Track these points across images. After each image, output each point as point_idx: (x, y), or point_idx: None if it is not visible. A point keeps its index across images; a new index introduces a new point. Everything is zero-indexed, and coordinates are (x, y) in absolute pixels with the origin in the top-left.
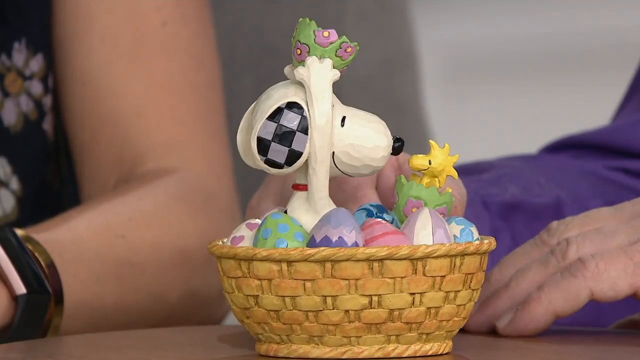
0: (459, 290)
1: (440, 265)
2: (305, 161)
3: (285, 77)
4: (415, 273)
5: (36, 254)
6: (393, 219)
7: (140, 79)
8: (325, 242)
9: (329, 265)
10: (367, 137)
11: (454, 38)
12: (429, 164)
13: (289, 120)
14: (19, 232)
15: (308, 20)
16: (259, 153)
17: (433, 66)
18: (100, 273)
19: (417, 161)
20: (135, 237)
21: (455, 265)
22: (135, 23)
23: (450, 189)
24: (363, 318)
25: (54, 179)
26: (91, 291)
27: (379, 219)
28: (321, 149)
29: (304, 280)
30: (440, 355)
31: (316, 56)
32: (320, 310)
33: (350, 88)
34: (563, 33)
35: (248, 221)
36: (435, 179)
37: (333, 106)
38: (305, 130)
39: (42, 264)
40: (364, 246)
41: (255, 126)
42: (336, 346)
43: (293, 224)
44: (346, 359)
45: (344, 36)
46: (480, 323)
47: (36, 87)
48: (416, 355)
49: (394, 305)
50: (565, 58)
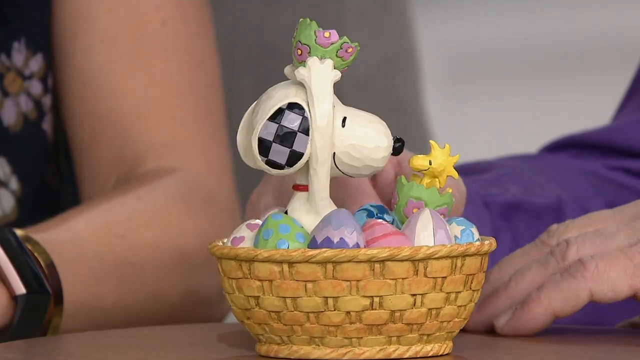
0: (459, 291)
1: (442, 267)
2: (306, 162)
3: (286, 77)
4: (417, 274)
5: (36, 254)
6: (393, 219)
7: (140, 79)
8: (327, 243)
9: (330, 266)
10: (368, 138)
11: (454, 38)
12: (430, 164)
13: (290, 121)
14: (19, 232)
15: (309, 20)
16: (259, 154)
17: (433, 66)
18: (100, 273)
19: (418, 161)
20: (135, 237)
21: (456, 266)
22: (135, 23)
23: (450, 189)
24: (364, 319)
25: (53, 179)
26: (91, 291)
27: (380, 220)
28: (322, 149)
29: (305, 281)
30: (440, 356)
31: (317, 57)
32: (322, 312)
33: (351, 88)
34: (563, 33)
35: (248, 222)
36: (435, 179)
37: (334, 107)
38: (306, 131)
39: (42, 264)
40: (365, 247)
41: (256, 127)
42: (337, 347)
43: (294, 225)
44: None
45: (345, 36)
46: (478, 323)
47: (36, 87)
48: (417, 356)
49: (395, 307)
50: (566, 58)
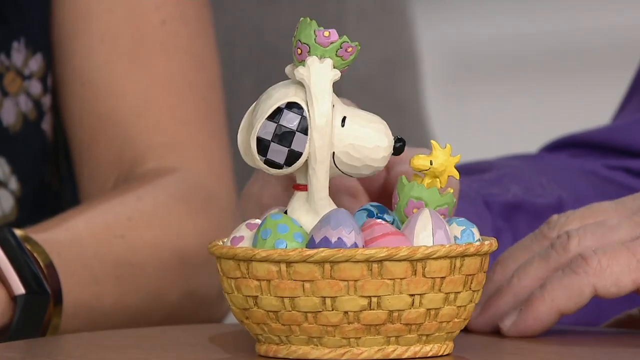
0: (459, 292)
1: (440, 267)
2: (305, 161)
3: (286, 77)
4: (415, 274)
5: (35, 254)
6: (394, 219)
7: (139, 79)
8: (325, 243)
9: (328, 266)
10: (368, 137)
11: (454, 38)
12: (430, 164)
13: (289, 120)
14: (18, 232)
15: (309, 20)
16: (258, 153)
17: (433, 66)
18: (100, 273)
19: (419, 161)
20: (134, 237)
21: (455, 266)
22: (135, 22)
23: (452, 189)
24: (362, 319)
25: (53, 179)
26: (90, 291)
27: (379, 220)
28: (321, 149)
29: (303, 281)
30: (440, 356)
31: (317, 56)
32: (319, 312)
33: (351, 88)
34: (564, 32)
35: (248, 221)
36: (436, 180)
37: (333, 106)
38: (305, 131)
39: (41, 264)
40: (364, 247)
41: (255, 126)
42: (335, 347)
43: (293, 225)
44: None
45: (345, 36)
46: (483, 323)
47: (35, 87)
48: (416, 356)
49: (393, 307)
50: (566, 58)
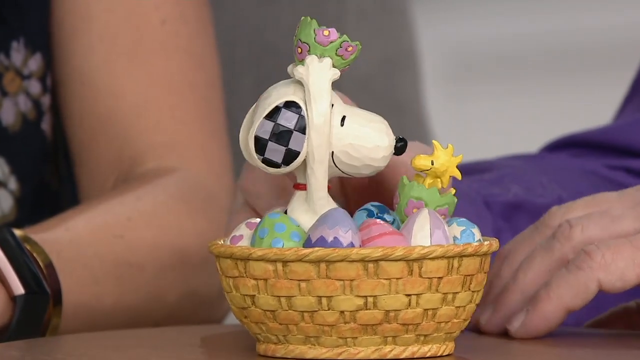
0: (457, 292)
1: (437, 267)
2: (303, 161)
3: (286, 76)
4: (411, 274)
5: (34, 254)
6: (394, 219)
7: (139, 79)
8: (321, 243)
9: (323, 265)
10: (367, 137)
11: (455, 38)
12: (432, 164)
13: (287, 119)
14: (17, 232)
15: (309, 19)
16: (256, 152)
17: (433, 66)
18: (99, 273)
19: (420, 161)
20: (134, 237)
21: (453, 266)
22: (134, 22)
23: (454, 190)
24: (358, 319)
25: (52, 178)
26: (90, 291)
27: (377, 220)
28: (319, 148)
29: (299, 280)
30: (439, 357)
31: (316, 55)
32: (316, 311)
33: (351, 88)
34: (564, 32)
35: (248, 220)
36: (437, 180)
37: (333, 105)
38: (302, 130)
39: (41, 264)
40: (361, 247)
41: (253, 125)
42: (332, 347)
43: (290, 224)
44: None
45: (345, 35)
46: (496, 325)
47: (34, 87)
48: (414, 356)
49: (389, 307)
50: (567, 57)
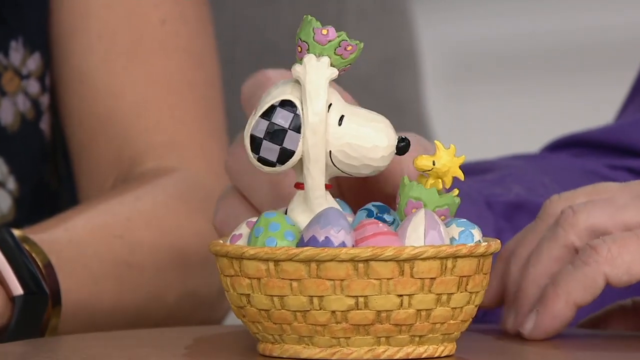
0: (452, 293)
1: (429, 267)
2: (300, 160)
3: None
4: (403, 275)
5: (33, 255)
6: (394, 219)
7: (138, 78)
8: (313, 242)
9: (314, 265)
10: (366, 137)
11: (455, 37)
12: (433, 164)
13: (282, 118)
14: (16, 233)
15: (309, 17)
16: (251, 151)
17: (434, 66)
18: (98, 273)
19: (421, 162)
20: (133, 238)
21: (446, 267)
22: (133, 21)
23: (457, 190)
24: (350, 319)
25: (51, 178)
26: (89, 292)
27: (374, 220)
28: (314, 147)
29: (291, 280)
30: (436, 358)
31: (314, 54)
32: (308, 311)
33: (351, 88)
34: (565, 31)
35: (249, 219)
36: (438, 180)
37: (331, 105)
38: (297, 129)
39: (40, 264)
40: (353, 247)
41: (250, 123)
42: (326, 347)
43: (285, 223)
44: None
45: (344, 34)
46: (520, 324)
47: (33, 86)
48: (409, 357)
49: (381, 307)
50: (568, 57)
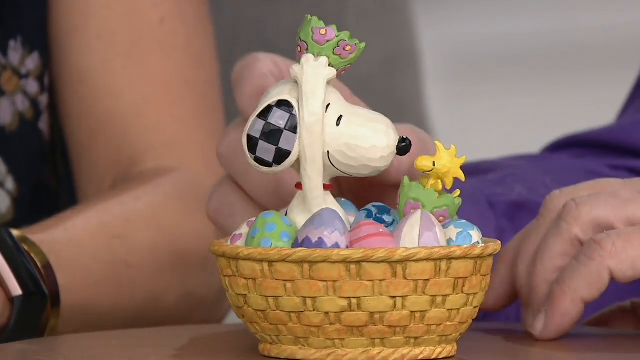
0: (447, 295)
1: (422, 269)
2: (297, 160)
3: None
4: (395, 276)
5: (32, 255)
6: (394, 220)
7: (137, 77)
8: (306, 243)
9: (307, 266)
10: (364, 137)
11: (456, 36)
12: (433, 165)
13: (278, 118)
14: (15, 233)
15: (309, 16)
16: (248, 151)
17: (434, 65)
18: (97, 274)
19: (422, 162)
20: (132, 238)
21: (440, 269)
22: (132, 20)
23: (459, 191)
24: (343, 320)
25: (50, 178)
26: (88, 292)
27: (370, 221)
28: (310, 147)
29: (285, 280)
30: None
31: (313, 54)
32: (302, 312)
33: (351, 87)
34: (566, 31)
35: (250, 219)
36: (438, 181)
37: (329, 105)
38: (293, 129)
39: (39, 264)
40: (347, 248)
41: (247, 123)
42: (321, 348)
43: (281, 223)
44: None
45: (342, 34)
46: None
47: (32, 86)
48: (405, 359)
49: (374, 308)
50: (569, 56)
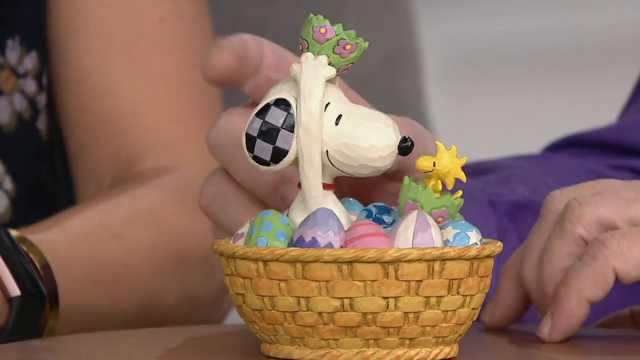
0: (442, 296)
1: (414, 270)
2: (295, 159)
3: None
4: (387, 277)
5: (31, 255)
6: (394, 220)
7: (137, 77)
8: (300, 243)
9: (300, 266)
10: (363, 137)
11: (457, 35)
12: (434, 165)
13: (275, 117)
14: (13, 233)
15: (312, 15)
16: (247, 149)
17: (435, 64)
18: (96, 274)
19: (422, 162)
20: (131, 238)
21: (434, 269)
22: (132, 20)
23: (461, 192)
24: (337, 321)
25: (48, 178)
26: (86, 293)
27: (367, 221)
28: (307, 147)
29: (279, 280)
30: None
31: (313, 52)
32: (296, 312)
33: (351, 86)
34: (567, 30)
35: (252, 219)
36: (438, 182)
37: (328, 104)
38: (290, 128)
39: (37, 265)
40: (342, 248)
41: (247, 122)
42: (316, 348)
43: (278, 223)
44: None
45: (342, 33)
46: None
47: (30, 86)
48: None
49: (366, 309)
50: (570, 56)
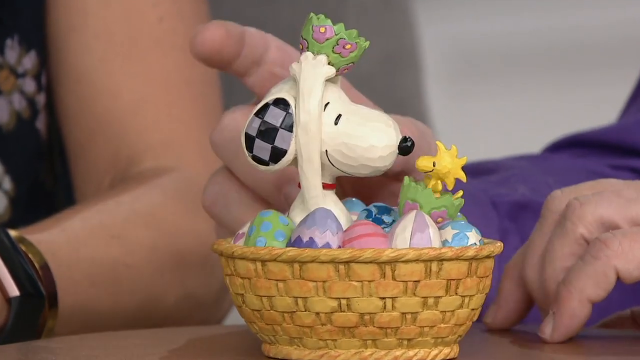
0: (440, 296)
1: (412, 270)
2: (295, 159)
3: None
4: (384, 277)
5: (30, 255)
6: (394, 220)
7: (136, 77)
8: (298, 243)
9: (297, 266)
10: (363, 137)
11: (457, 35)
12: (434, 165)
13: (273, 116)
14: (12, 233)
15: (313, 14)
16: (246, 149)
17: (436, 64)
18: (96, 275)
19: (422, 163)
20: (131, 238)
21: (431, 270)
22: (131, 20)
23: (461, 192)
24: (334, 321)
25: (47, 178)
26: (86, 293)
27: (366, 221)
28: (306, 146)
29: (277, 280)
30: None
31: (312, 52)
32: (294, 312)
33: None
34: (568, 30)
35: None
36: (438, 182)
37: (328, 103)
38: (289, 128)
39: (36, 265)
40: (340, 248)
41: (246, 121)
42: (314, 349)
43: (277, 223)
44: None
45: (342, 33)
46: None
47: (29, 85)
48: None
49: (363, 309)
50: (571, 55)
